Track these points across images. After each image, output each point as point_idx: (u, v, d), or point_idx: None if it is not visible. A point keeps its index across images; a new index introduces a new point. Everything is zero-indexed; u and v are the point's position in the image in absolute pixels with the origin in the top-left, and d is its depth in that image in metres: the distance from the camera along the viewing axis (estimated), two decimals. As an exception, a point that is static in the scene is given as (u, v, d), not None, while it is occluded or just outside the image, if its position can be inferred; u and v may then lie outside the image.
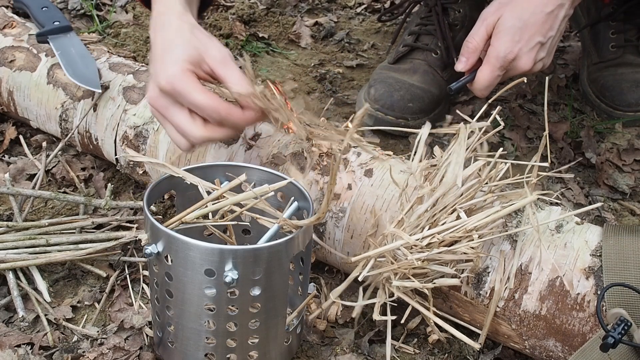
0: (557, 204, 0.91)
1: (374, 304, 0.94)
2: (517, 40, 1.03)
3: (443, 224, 0.82)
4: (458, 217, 0.82)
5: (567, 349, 0.84)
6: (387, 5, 1.80)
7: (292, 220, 0.83)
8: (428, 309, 0.86)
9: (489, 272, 0.86)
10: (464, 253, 0.81)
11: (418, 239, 0.81)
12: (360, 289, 0.89)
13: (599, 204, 0.89)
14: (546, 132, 0.86)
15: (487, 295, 0.86)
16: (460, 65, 1.08)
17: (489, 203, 0.85)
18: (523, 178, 0.87)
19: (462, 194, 0.83)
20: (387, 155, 0.98)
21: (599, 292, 0.80)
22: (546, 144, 0.86)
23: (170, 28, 0.90)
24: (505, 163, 0.89)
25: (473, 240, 0.81)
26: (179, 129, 0.88)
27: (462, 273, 0.84)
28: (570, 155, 1.31)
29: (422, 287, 0.82)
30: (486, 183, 0.86)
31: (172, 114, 0.87)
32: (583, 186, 1.25)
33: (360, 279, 0.85)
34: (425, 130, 0.83)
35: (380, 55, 1.63)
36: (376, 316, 0.85)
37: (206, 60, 0.88)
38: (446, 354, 0.93)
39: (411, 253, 0.81)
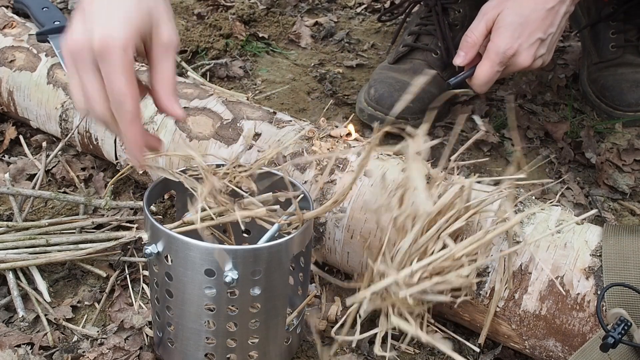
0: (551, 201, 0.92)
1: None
2: (517, 36, 1.02)
3: (431, 253, 0.82)
4: (445, 244, 0.82)
5: (567, 349, 0.84)
6: (387, 5, 1.80)
7: (293, 220, 0.83)
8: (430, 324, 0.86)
9: (489, 272, 0.86)
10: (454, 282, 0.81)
11: (407, 274, 0.81)
12: (358, 321, 0.89)
13: (593, 211, 0.88)
14: (518, 149, 0.85)
15: (487, 295, 0.86)
16: (459, 59, 1.08)
17: (472, 215, 0.84)
18: (502, 191, 0.86)
19: (446, 221, 0.83)
20: (387, 155, 0.99)
21: (599, 292, 0.80)
22: (519, 159, 0.85)
23: None
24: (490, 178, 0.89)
25: (463, 266, 0.81)
26: (84, 91, 0.74)
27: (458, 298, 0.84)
28: (570, 155, 1.31)
29: (416, 333, 0.82)
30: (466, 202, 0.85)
31: (85, 74, 0.72)
32: (583, 186, 1.25)
33: (362, 315, 0.85)
34: (365, 157, 0.81)
35: (380, 55, 1.63)
36: (377, 350, 0.85)
37: (151, 34, 0.74)
38: (446, 354, 0.93)
39: (402, 289, 0.81)
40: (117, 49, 0.70)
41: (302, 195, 0.86)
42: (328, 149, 0.97)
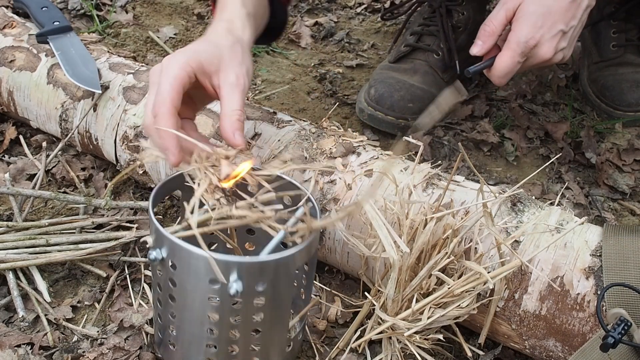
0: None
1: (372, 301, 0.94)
2: (539, 26, 0.99)
3: (428, 287, 0.83)
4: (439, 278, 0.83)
5: (567, 349, 0.84)
6: (387, 5, 1.80)
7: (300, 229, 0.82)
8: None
9: (488, 272, 0.86)
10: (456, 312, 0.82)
11: (408, 315, 0.81)
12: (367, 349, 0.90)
13: (573, 226, 0.88)
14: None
15: (487, 295, 0.86)
16: (476, 48, 1.03)
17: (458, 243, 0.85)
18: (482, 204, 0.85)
19: (436, 257, 0.83)
20: (387, 155, 0.98)
21: (599, 292, 0.80)
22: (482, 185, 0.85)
23: (211, 27, 0.91)
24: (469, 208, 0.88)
25: (464, 299, 0.81)
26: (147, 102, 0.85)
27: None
28: (570, 155, 1.31)
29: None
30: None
31: (151, 87, 0.85)
32: (583, 186, 1.25)
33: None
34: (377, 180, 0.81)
35: (381, 55, 1.63)
36: None
37: (219, 75, 0.84)
38: (445, 355, 0.93)
39: (404, 329, 0.82)
40: (175, 64, 0.82)
41: (309, 202, 0.85)
42: (330, 148, 0.97)
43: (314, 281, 1.00)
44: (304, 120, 1.04)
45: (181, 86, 0.82)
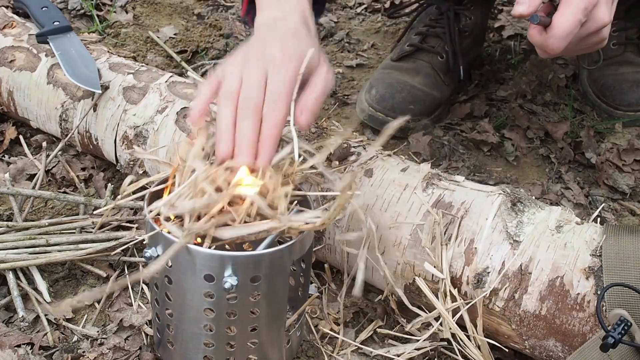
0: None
1: (374, 302, 0.94)
2: None
3: None
4: None
5: (567, 349, 0.84)
6: (387, 5, 1.80)
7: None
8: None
9: (488, 272, 0.86)
10: None
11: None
12: None
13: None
14: None
15: (487, 295, 0.86)
16: (522, 7, 0.88)
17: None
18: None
19: None
20: (387, 155, 0.98)
21: (599, 292, 0.80)
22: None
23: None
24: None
25: None
26: (247, 79, 0.85)
27: None
28: (570, 155, 1.31)
29: None
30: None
31: (252, 69, 0.85)
32: (583, 186, 1.25)
33: None
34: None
35: (380, 55, 1.63)
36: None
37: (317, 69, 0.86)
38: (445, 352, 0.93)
39: None
40: (300, 55, 0.83)
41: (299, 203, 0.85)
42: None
43: (314, 281, 1.00)
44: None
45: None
